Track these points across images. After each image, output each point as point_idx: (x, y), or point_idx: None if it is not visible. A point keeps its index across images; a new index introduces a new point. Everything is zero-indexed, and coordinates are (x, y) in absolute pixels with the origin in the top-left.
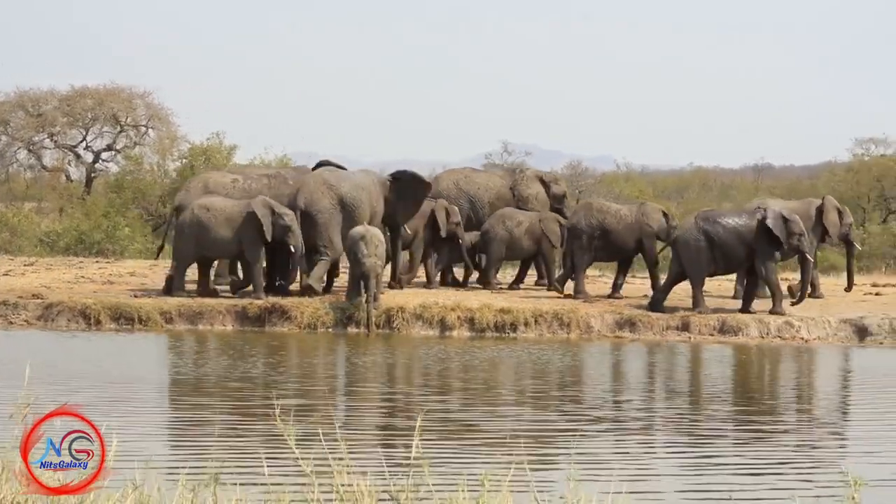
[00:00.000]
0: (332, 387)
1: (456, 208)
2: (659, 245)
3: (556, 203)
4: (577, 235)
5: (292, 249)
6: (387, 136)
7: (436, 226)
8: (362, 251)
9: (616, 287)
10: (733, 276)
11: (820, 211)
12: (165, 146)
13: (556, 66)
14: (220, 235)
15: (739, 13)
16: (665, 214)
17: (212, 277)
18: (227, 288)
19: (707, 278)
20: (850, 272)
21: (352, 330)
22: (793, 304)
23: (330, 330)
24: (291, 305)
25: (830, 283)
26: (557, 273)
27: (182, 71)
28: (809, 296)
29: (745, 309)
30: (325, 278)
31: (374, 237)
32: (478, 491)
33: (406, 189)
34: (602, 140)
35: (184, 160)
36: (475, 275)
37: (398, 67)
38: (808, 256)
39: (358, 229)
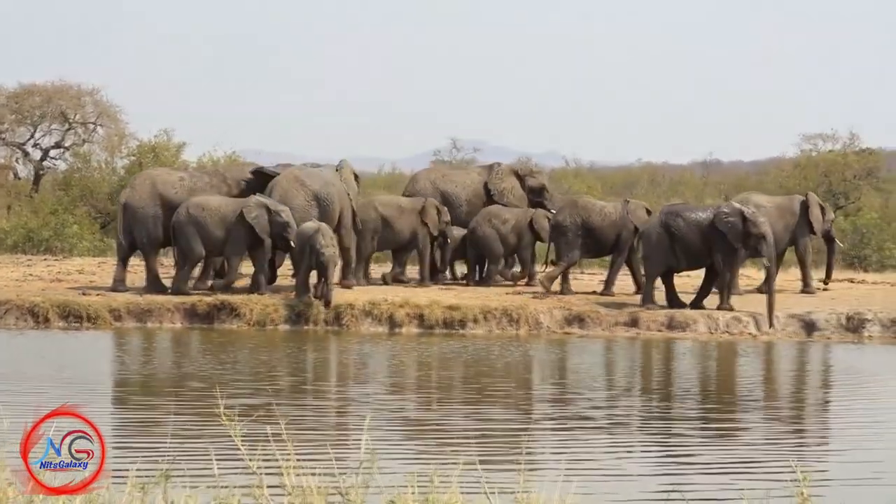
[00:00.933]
0: (280, 385)
1: (445, 208)
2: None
3: (535, 196)
4: (563, 232)
5: (291, 244)
6: (333, 133)
7: (425, 224)
8: (320, 242)
9: (608, 284)
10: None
11: (805, 206)
12: (114, 143)
13: (504, 63)
14: (216, 234)
15: (686, 10)
16: (648, 211)
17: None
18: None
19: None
20: (829, 267)
21: (301, 327)
22: (770, 327)
23: (279, 327)
24: (240, 302)
25: (779, 279)
26: (516, 268)
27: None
28: (802, 290)
29: (696, 305)
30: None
31: (328, 231)
32: (427, 489)
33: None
34: (550, 136)
35: (132, 157)
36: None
37: (347, 65)
38: (767, 261)
39: (310, 224)
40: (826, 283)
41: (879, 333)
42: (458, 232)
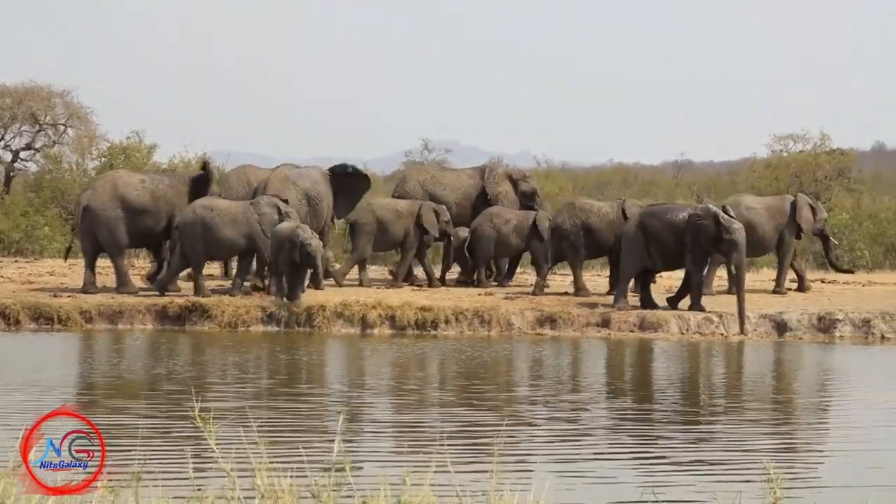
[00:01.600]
0: (255, 386)
1: (444, 207)
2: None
3: (526, 200)
4: (565, 235)
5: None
6: (305, 133)
7: (423, 226)
8: (302, 236)
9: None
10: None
11: (794, 207)
12: (84, 145)
13: (475, 63)
14: (225, 236)
15: (657, 10)
16: None
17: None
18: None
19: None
20: (830, 263)
21: (273, 328)
22: (741, 332)
23: (251, 328)
24: (212, 304)
25: (750, 279)
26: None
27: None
28: (796, 290)
29: (672, 305)
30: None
31: (305, 226)
32: (399, 490)
33: (344, 184)
34: (522, 137)
35: (103, 159)
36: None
37: (319, 66)
38: (736, 269)
39: (288, 224)
40: (850, 272)
41: (850, 333)
42: (464, 233)
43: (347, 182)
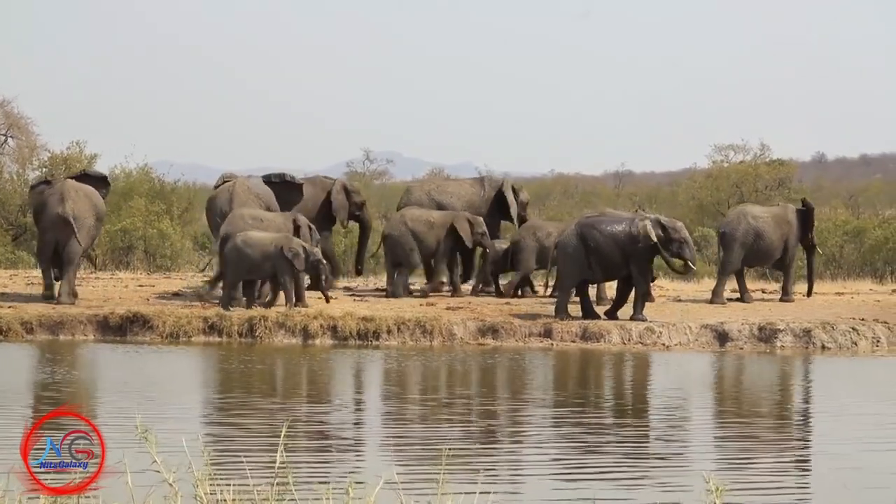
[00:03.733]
0: (200, 396)
1: (480, 218)
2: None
3: (522, 210)
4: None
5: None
6: (245, 143)
7: (457, 237)
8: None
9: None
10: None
11: (803, 215)
12: (25, 155)
13: (415, 74)
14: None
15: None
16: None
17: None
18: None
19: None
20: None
21: (214, 339)
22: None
23: (192, 339)
24: (153, 314)
25: (690, 290)
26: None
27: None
28: (781, 299)
29: (611, 315)
30: None
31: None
32: (342, 500)
33: (278, 193)
34: (463, 148)
35: (44, 169)
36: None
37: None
38: (691, 264)
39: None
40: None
41: (791, 343)
42: (500, 245)
43: (281, 191)
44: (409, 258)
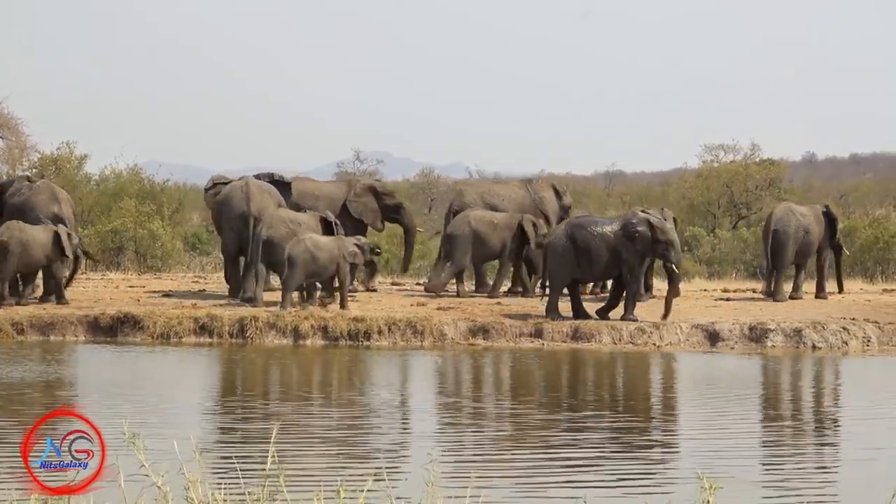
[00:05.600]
0: (190, 399)
1: (541, 220)
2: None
3: (564, 214)
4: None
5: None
6: (235, 144)
7: (524, 238)
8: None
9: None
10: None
11: (830, 217)
12: (15, 156)
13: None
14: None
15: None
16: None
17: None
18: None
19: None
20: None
21: (206, 339)
22: (664, 319)
23: (183, 339)
24: (144, 315)
25: (681, 289)
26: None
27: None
28: (816, 296)
29: (602, 315)
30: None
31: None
32: (333, 501)
33: None
34: (454, 148)
35: (34, 170)
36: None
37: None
38: (675, 267)
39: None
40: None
41: (782, 343)
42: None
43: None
44: (463, 260)
